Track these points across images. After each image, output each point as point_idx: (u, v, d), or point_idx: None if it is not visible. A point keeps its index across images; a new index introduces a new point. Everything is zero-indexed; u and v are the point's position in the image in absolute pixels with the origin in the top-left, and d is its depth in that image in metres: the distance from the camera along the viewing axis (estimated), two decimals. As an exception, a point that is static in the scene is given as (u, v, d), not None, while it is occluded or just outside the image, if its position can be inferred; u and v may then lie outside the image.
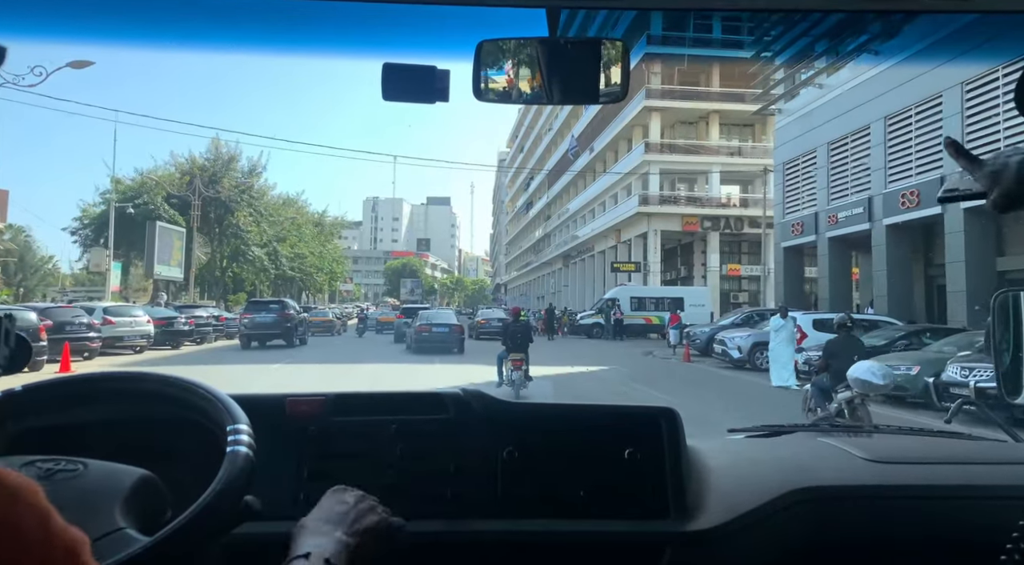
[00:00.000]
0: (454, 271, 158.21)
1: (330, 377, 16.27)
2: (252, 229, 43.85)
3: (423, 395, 1.55)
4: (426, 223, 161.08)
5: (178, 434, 1.17)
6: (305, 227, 59.84)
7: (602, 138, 48.32)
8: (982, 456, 1.73)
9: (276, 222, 49.70)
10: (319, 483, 1.28)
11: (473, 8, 1.14)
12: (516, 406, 1.55)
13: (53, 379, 1.15)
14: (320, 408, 1.48)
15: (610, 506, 1.42)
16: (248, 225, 43.33)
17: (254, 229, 44.42)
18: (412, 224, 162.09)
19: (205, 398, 1.08)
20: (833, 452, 1.65)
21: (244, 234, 43.22)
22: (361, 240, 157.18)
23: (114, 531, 0.89)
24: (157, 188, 40.82)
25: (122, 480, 0.97)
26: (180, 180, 42.09)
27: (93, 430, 1.17)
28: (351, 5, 1.19)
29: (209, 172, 42.91)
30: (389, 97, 1.30)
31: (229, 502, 0.93)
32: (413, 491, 1.39)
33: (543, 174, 73.08)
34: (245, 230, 43.13)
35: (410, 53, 1.33)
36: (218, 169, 43.41)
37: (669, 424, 1.49)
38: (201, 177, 41.80)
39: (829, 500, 1.43)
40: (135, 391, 1.15)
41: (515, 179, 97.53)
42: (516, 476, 1.44)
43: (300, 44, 1.51)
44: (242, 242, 43.54)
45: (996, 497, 1.46)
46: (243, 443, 1.00)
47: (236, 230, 43.05)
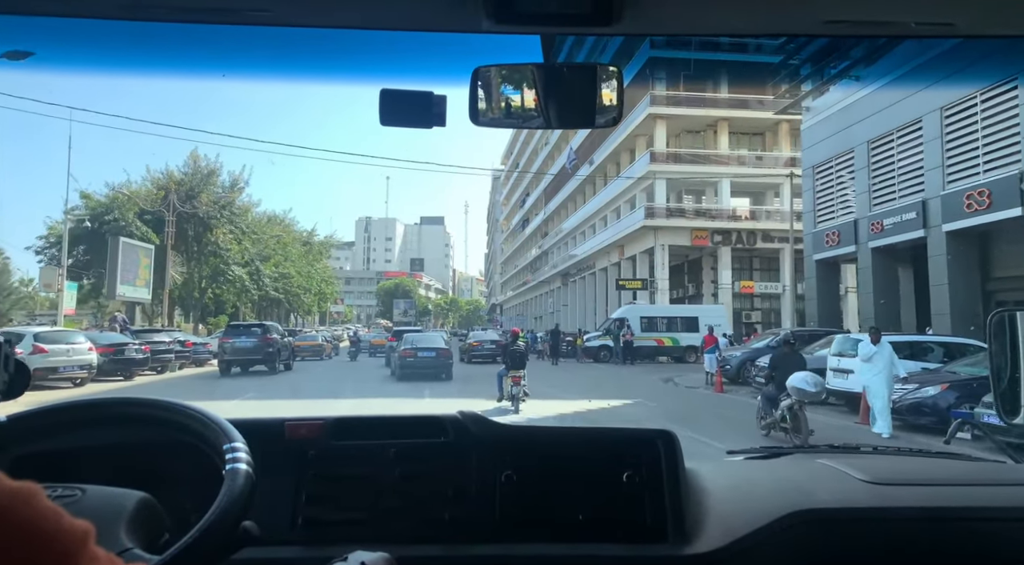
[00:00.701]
0: (448, 291, 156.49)
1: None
2: (232, 247, 41.05)
3: (422, 419, 1.55)
4: (419, 243, 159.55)
5: (173, 458, 1.21)
6: (291, 246, 57.13)
7: (602, 149, 45.85)
8: (982, 477, 1.71)
9: (259, 240, 46.94)
10: (318, 507, 1.39)
11: (469, 35, 1.17)
12: (514, 429, 1.54)
13: (42, 407, 1.14)
14: (319, 432, 1.49)
15: (608, 530, 1.41)
16: (228, 243, 40.51)
17: (235, 247, 41.64)
18: (406, 244, 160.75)
19: (198, 420, 1.09)
20: (832, 474, 1.64)
21: (224, 252, 40.40)
22: (354, 260, 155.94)
23: (123, 552, 0.90)
24: (129, 203, 38.03)
25: (123, 502, 0.98)
26: (155, 195, 39.34)
27: (87, 456, 1.22)
28: (349, 32, 1.21)
29: (186, 186, 40.19)
30: (387, 122, 1.33)
31: (235, 518, 0.94)
32: (412, 515, 1.41)
33: (539, 190, 70.76)
34: (224, 248, 40.30)
35: (407, 79, 1.36)
36: (196, 183, 40.69)
37: (667, 447, 1.49)
38: (178, 192, 39.10)
39: (828, 522, 1.41)
40: (126, 416, 1.15)
41: (510, 196, 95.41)
42: (514, 499, 1.43)
43: (299, 71, 1.56)
44: (221, 261, 40.71)
45: (996, 519, 1.43)
46: (242, 460, 1.01)
47: (215, 248, 40.19)
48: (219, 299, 46.13)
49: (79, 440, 1.19)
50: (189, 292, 42.31)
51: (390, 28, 1.19)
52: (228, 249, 40.50)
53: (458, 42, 1.22)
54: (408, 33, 1.19)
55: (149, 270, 32.86)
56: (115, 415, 1.16)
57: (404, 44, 1.25)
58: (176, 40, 1.29)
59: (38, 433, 1.13)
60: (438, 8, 1.14)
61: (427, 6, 1.15)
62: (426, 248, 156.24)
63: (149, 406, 1.13)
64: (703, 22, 1.31)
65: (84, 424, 1.15)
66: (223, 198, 41.54)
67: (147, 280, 32.64)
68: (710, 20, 1.27)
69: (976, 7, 1.16)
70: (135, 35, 1.24)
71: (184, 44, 1.31)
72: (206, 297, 43.65)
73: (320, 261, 66.97)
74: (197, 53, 1.36)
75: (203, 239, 40.57)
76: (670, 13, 1.18)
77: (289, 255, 55.07)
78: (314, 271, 64.14)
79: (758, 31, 1.39)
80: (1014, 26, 1.23)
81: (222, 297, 45.69)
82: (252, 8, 1.11)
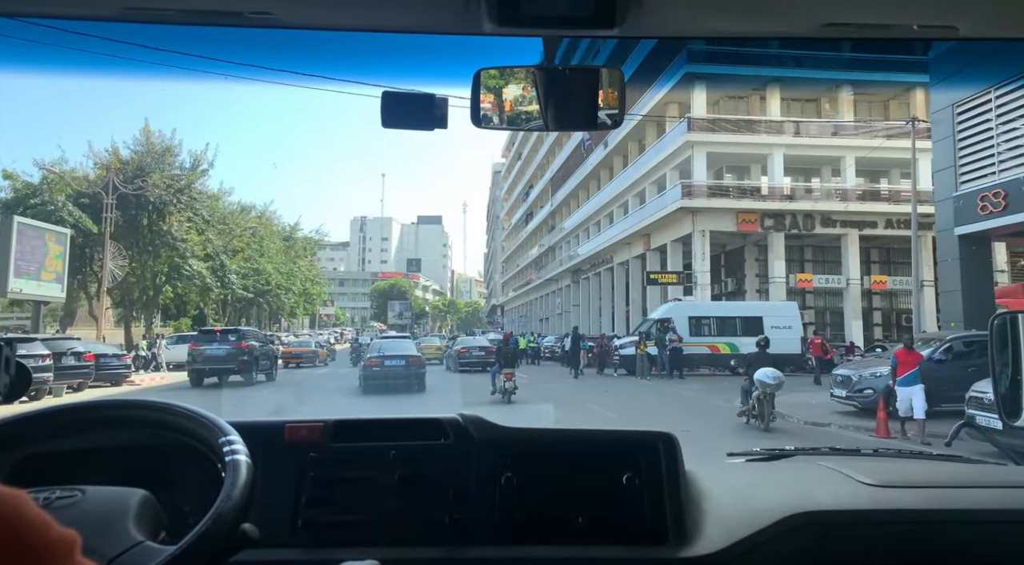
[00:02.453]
0: (447, 293, 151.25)
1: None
2: (190, 237, 34.66)
3: (422, 421, 1.55)
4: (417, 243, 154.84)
5: (170, 459, 1.24)
6: (270, 240, 50.84)
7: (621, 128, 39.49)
8: (982, 480, 1.71)
9: (227, 231, 40.62)
10: (318, 509, 1.40)
11: (471, 37, 1.17)
12: (514, 431, 1.53)
13: (37, 412, 1.12)
14: (319, 434, 1.49)
15: (609, 531, 1.41)
16: (183, 232, 34.14)
17: (193, 237, 35.26)
18: (402, 244, 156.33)
19: (194, 419, 1.09)
20: (832, 476, 1.65)
21: (178, 243, 34.03)
22: (348, 261, 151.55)
23: (135, 545, 0.92)
24: (60, 185, 31.73)
25: (127, 499, 1.00)
26: (96, 176, 33.09)
27: (85, 459, 1.24)
28: (351, 35, 1.22)
29: (133, 165, 33.83)
30: (388, 124, 1.33)
31: (238, 509, 0.94)
32: (412, 517, 1.41)
33: (544, 180, 64.56)
34: (180, 238, 33.93)
35: (409, 81, 1.36)
36: (147, 163, 34.31)
37: (667, 449, 1.49)
38: (123, 171, 32.82)
39: (829, 524, 1.41)
40: (121, 418, 1.15)
41: (511, 190, 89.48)
42: (515, 501, 1.44)
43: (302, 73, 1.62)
44: (177, 254, 34.34)
45: (998, 521, 1.43)
46: (240, 452, 1.02)
47: (169, 239, 33.84)
48: (182, 299, 39.83)
49: (75, 444, 1.21)
50: (143, 290, 35.97)
51: (392, 30, 1.19)
52: (184, 239, 34.13)
53: (460, 44, 1.22)
54: (410, 35, 1.20)
55: (62, 261, 26.40)
56: (109, 417, 1.15)
57: (406, 46, 1.26)
58: (178, 42, 1.22)
59: (34, 437, 1.12)
60: (441, 11, 1.15)
61: (430, 9, 1.15)
62: (423, 248, 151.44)
63: (143, 407, 1.14)
64: (704, 25, 1.31)
65: (79, 427, 1.15)
66: (179, 180, 35.21)
67: (59, 273, 26.19)
68: (711, 22, 1.27)
69: (978, 10, 1.15)
70: (137, 38, 1.28)
71: (186, 46, 1.22)
72: (162, 296, 37.28)
73: (304, 258, 60.59)
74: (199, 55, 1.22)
75: (156, 228, 34.22)
76: (672, 16, 1.18)
77: (266, 250, 48.75)
78: (297, 269, 57.89)
79: (759, 34, 1.36)
80: (1017, 29, 1.24)
81: (186, 296, 39.39)
82: (254, 11, 1.11)
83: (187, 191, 35.88)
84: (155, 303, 37.22)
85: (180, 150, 36.56)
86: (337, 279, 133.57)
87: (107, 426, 1.16)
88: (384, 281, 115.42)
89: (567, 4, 1.07)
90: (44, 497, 0.98)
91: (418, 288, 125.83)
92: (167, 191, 34.16)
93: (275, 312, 61.04)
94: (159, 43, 1.26)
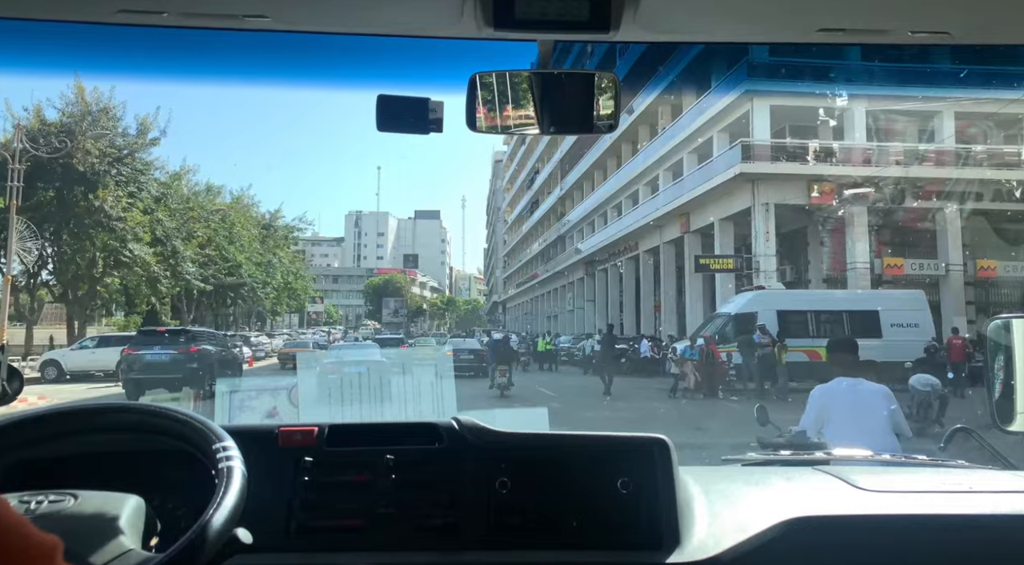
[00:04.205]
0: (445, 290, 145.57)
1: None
2: (130, 216, 28.27)
3: (417, 425, 1.54)
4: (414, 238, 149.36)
5: (164, 463, 1.23)
6: (242, 226, 44.45)
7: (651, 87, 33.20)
8: (976, 486, 1.69)
9: (183, 212, 34.26)
10: (311, 514, 1.38)
11: (467, 41, 1.19)
12: (509, 436, 1.52)
13: (28, 415, 1.12)
14: (313, 439, 1.47)
15: (603, 537, 1.40)
16: (121, 209, 27.75)
17: (136, 217, 28.87)
18: (399, 240, 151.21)
19: (187, 424, 1.09)
20: (827, 481, 1.65)
21: (115, 223, 27.64)
22: (343, 257, 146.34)
23: (124, 553, 0.92)
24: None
25: (118, 505, 1.00)
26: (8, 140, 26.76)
27: (78, 463, 1.23)
28: (347, 38, 1.22)
29: (56, 128, 27.44)
30: (384, 128, 1.33)
31: (230, 515, 0.94)
32: (406, 522, 1.40)
33: (552, 164, 58.26)
34: (115, 217, 27.53)
35: (405, 85, 1.35)
36: (80, 126, 27.90)
37: (662, 453, 1.48)
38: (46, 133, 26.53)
39: (822, 531, 1.41)
40: (115, 423, 1.14)
41: (514, 180, 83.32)
42: (509, 506, 1.43)
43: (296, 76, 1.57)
44: (113, 235, 27.96)
45: (991, 527, 1.43)
46: (234, 458, 1.03)
47: (102, 216, 27.44)
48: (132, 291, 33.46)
49: (69, 447, 1.21)
50: (75, 280, 29.63)
51: (388, 34, 1.20)
52: (121, 218, 27.73)
53: (456, 48, 1.23)
54: (406, 39, 1.20)
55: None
56: (103, 422, 1.14)
57: (402, 50, 1.27)
58: (174, 45, 1.28)
59: (27, 441, 1.11)
60: (437, 15, 1.15)
61: (426, 13, 1.15)
62: (421, 244, 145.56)
63: (138, 411, 1.14)
64: (701, 29, 1.31)
65: (72, 431, 1.14)
66: (122, 149, 28.88)
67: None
68: (708, 27, 1.28)
69: (971, 17, 1.16)
70: (133, 40, 1.26)
71: (182, 49, 1.30)
72: (102, 288, 30.90)
73: (284, 248, 54.15)
74: (194, 58, 1.34)
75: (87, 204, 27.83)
76: (668, 20, 1.18)
77: (237, 238, 42.36)
78: (277, 260, 51.52)
79: (755, 39, 1.36)
80: (1009, 35, 1.27)
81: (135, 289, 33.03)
82: (250, 14, 1.12)
83: (129, 161, 29.54)
84: (92, 296, 30.80)
85: (123, 113, 30.22)
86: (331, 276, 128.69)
87: (101, 430, 1.15)
88: (379, 277, 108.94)
89: (562, 8, 1.07)
90: (36, 501, 0.98)
91: (415, 285, 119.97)
92: (101, 160, 27.80)
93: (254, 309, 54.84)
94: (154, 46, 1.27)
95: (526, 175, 72.87)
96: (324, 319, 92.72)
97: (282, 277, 52.91)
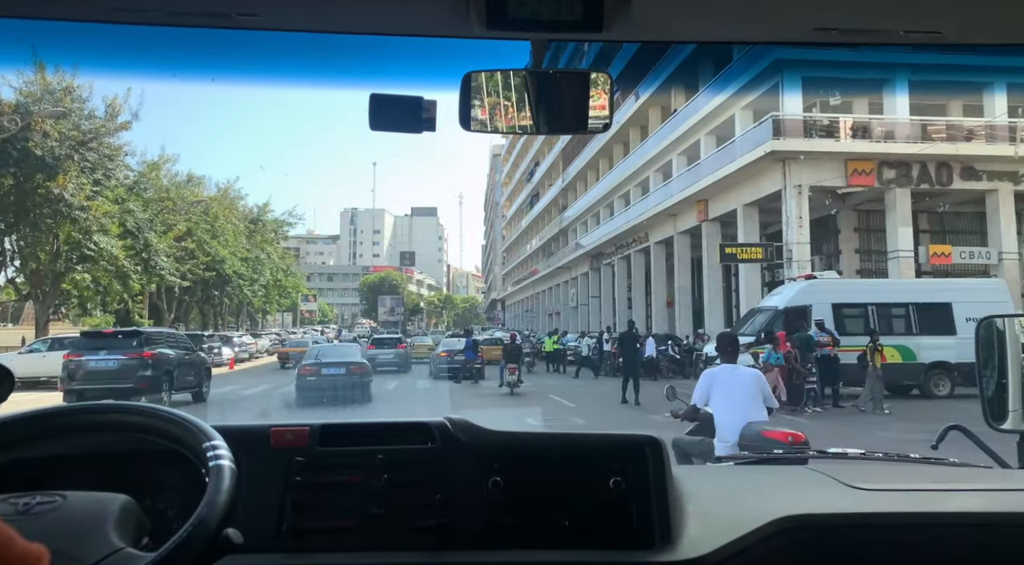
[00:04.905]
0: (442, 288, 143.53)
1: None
2: (94, 205, 25.67)
3: (410, 425, 1.52)
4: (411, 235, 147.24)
5: (153, 464, 1.22)
6: (225, 219, 41.88)
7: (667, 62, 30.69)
8: (968, 483, 1.70)
9: (155, 202, 31.71)
10: (303, 515, 1.36)
11: (460, 40, 1.18)
12: (502, 435, 1.51)
13: (14, 416, 1.11)
14: (305, 438, 1.46)
15: (596, 536, 1.40)
16: (83, 198, 25.14)
17: (103, 207, 26.31)
18: (395, 237, 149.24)
19: (176, 423, 1.08)
20: (819, 479, 1.64)
21: (76, 213, 25.02)
22: (339, 255, 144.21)
23: (114, 552, 0.91)
24: None
25: (107, 505, 0.99)
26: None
27: (66, 464, 1.22)
28: (340, 37, 1.22)
29: (11, 109, 24.82)
30: (377, 127, 1.33)
31: (221, 514, 0.94)
32: (398, 522, 1.39)
33: (553, 155, 55.77)
34: (76, 206, 24.92)
35: (398, 84, 1.35)
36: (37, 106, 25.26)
37: (655, 452, 1.47)
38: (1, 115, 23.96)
39: (816, 528, 1.40)
40: (102, 423, 1.14)
41: (513, 173, 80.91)
42: (502, 506, 1.42)
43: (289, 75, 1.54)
44: (76, 226, 25.37)
45: (983, 524, 1.43)
46: (224, 457, 1.02)
47: (62, 206, 24.82)
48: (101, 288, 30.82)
49: (56, 449, 1.19)
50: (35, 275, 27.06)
51: (381, 33, 1.19)
52: (84, 208, 25.12)
53: (449, 47, 1.23)
54: (399, 38, 1.20)
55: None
56: (90, 422, 1.13)
57: (395, 49, 1.25)
58: (165, 44, 1.28)
59: (13, 442, 1.10)
60: (430, 13, 1.15)
61: (419, 11, 1.16)
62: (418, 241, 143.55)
63: (125, 411, 1.13)
64: (693, 29, 1.32)
65: (59, 432, 1.13)
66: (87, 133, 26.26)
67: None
68: (700, 27, 1.28)
69: (963, 16, 1.17)
70: (124, 38, 1.24)
71: (173, 48, 1.29)
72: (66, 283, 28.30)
73: (272, 243, 51.52)
74: (186, 57, 1.34)
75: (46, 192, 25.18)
76: (660, 20, 1.18)
77: (220, 231, 39.77)
78: (265, 256, 48.89)
79: (748, 38, 1.34)
80: (1000, 35, 1.27)
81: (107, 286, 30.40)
82: (241, 12, 1.12)
83: (95, 146, 26.90)
84: (56, 294, 28.20)
85: (90, 95, 27.58)
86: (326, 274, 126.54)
87: (89, 430, 1.14)
88: (374, 274, 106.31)
89: (555, 7, 1.07)
90: (24, 503, 0.96)
91: (412, 282, 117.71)
92: (61, 144, 25.17)
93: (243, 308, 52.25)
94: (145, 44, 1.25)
95: (526, 167, 70.36)
96: (318, 318, 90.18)
97: (271, 274, 50.30)
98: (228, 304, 47.62)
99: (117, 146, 28.65)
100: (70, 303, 31.58)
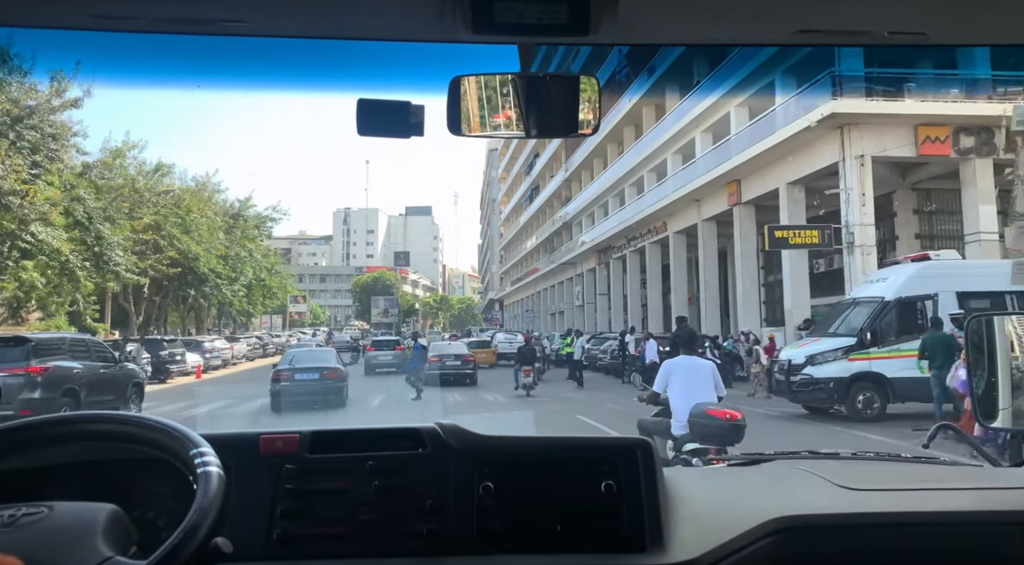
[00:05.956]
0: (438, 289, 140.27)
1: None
2: (32, 190, 22.01)
3: (400, 431, 1.52)
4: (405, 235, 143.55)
5: (141, 473, 1.21)
6: (199, 212, 38.24)
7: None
8: (959, 481, 1.70)
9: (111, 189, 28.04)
10: (293, 522, 1.35)
11: (447, 45, 1.19)
12: (493, 440, 1.51)
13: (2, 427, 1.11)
14: (295, 446, 1.45)
15: (587, 539, 1.40)
16: (16, 182, 21.47)
17: (45, 193, 22.67)
18: (389, 237, 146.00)
19: (163, 431, 1.08)
20: (810, 480, 1.64)
21: (8, 198, 21.38)
22: (332, 256, 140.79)
23: (102, 562, 0.91)
24: None
25: (95, 514, 0.98)
26: None
27: (53, 474, 1.21)
28: (326, 43, 1.22)
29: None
30: (364, 132, 1.33)
31: (210, 522, 0.94)
32: (389, 528, 1.38)
33: (554, 145, 52.19)
34: (7, 190, 21.26)
35: (385, 89, 1.36)
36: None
37: (645, 455, 1.46)
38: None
39: (807, 529, 1.40)
40: (89, 432, 1.13)
41: (510, 167, 77.34)
42: (493, 511, 1.41)
43: (276, 81, 1.53)
44: (10, 215, 21.71)
45: (974, 523, 1.43)
46: (212, 463, 1.01)
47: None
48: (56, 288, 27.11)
49: (42, 459, 1.18)
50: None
51: (368, 38, 1.20)
52: (16, 192, 21.46)
53: (436, 52, 1.23)
54: (386, 43, 1.20)
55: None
56: (76, 431, 1.13)
57: (382, 54, 1.25)
58: (151, 51, 1.28)
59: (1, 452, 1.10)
60: (416, 18, 1.15)
61: (405, 16, 1.16)
62: (412, 241, 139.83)
63: (111, 421, 1.13)
64: (678, 32, 1.32)
65: (45, 442, 1.12)
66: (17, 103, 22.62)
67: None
68: (685, 30, 1.29)
69: (947, 17, 1.18)
70: (109, 46, 1.24)
71: (159, 55, 1.30)
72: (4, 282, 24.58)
73: (254, 241, 47.83)
74: (172, 63, 1.33)
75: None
76: (646, 23, 1.18)
77: (193, 225, 36.10)
78: (247, 254, 45.23)
79: (733, 40, 1.36)
80: (984, 36, 1.31)
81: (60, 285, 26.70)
82: (228, 19, 1.11)
83: (35, 123, 23.23)
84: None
85: (33, 65, 23.87)
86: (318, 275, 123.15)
87: (74, 440, 1.13)
88: (368, 275, 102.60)
89: (541, 12, 1.07)
90: (9, 514, 0.96)
91: (407, 283, 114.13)
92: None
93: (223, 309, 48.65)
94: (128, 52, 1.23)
95: (525, 159, 66.78)
96: (309, 320, 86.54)
97: (253, 273, 46.67)
98: (207, 306, 43.92)
99: (63, 125, 25.03)
100: (28, 306, 27.91)
